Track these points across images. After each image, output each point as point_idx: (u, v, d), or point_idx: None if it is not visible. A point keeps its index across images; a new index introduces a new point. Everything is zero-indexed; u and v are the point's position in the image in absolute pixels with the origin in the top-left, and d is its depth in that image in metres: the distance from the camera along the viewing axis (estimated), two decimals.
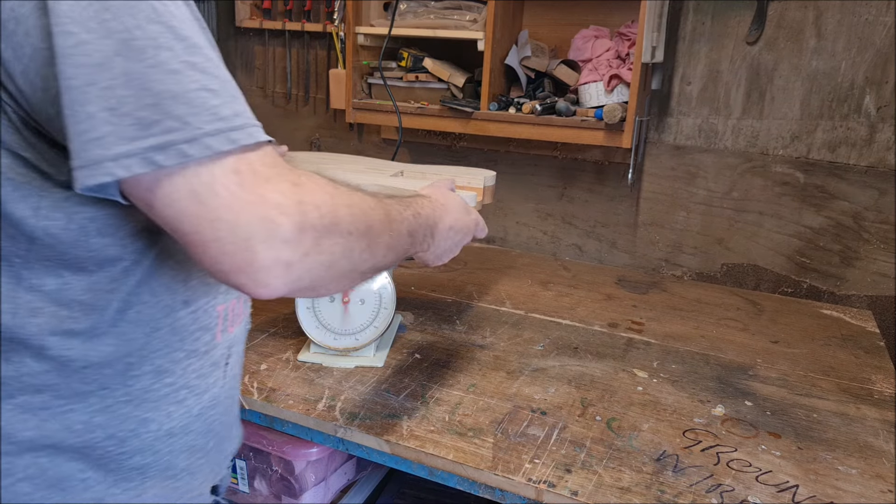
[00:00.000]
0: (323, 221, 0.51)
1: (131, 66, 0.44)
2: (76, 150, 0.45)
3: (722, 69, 1.55)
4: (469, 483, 0.87)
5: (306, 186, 0.51)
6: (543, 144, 1.76)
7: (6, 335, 0.53)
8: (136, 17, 0.45)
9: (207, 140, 0.46)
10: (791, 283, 1.60)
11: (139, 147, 0.45)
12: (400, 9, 1.62)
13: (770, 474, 0.87)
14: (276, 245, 0.48)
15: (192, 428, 0.62)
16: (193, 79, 0.46)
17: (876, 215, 1.49)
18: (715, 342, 1.27)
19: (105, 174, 0.45)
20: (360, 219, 0.56)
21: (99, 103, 0.44)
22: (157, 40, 0.45)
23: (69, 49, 0.44)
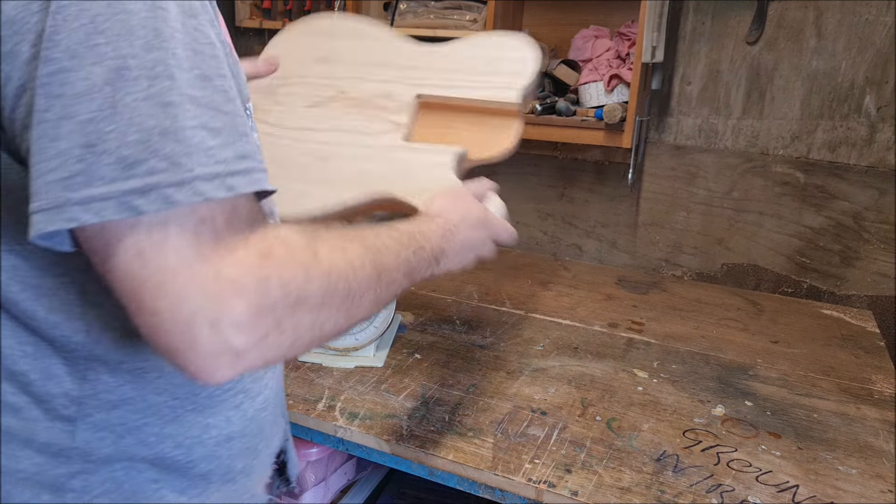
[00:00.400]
0: (288, 300, 0.44)
1: (120, 98, 0.39)
2: (34, 192, 0.39)
3: (722, 69, 1.55)
4: (469, 483, 0.87)
5: (276, 257, 0.44)
6: (543, 144, 1.76)
7: (83, 353, 0.50)
8: (133, 43, 0.39)
9: (199, 185, 0.40)
10: (791, 283, 1.60)
11: (117, 190, 0.38)
12: (400, 9, 1.61)
13: (770, 474, 0.87)
14: (225, 329, 0.41)
15: (247, 431, 0.60)
16: (192, 114, 0.41)
17: (876, 215, 1.49)
18: (715, 342, 1.27)
19: (69, 220, 0.38)
20: (337, 287, 0.49)
21: (73, 139, 0.38)
22: (154, 70, 0.40)
23: (45, 78, 0.39)
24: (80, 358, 0.50)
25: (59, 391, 0.50)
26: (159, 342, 0.41)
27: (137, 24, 0.40)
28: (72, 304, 0.49)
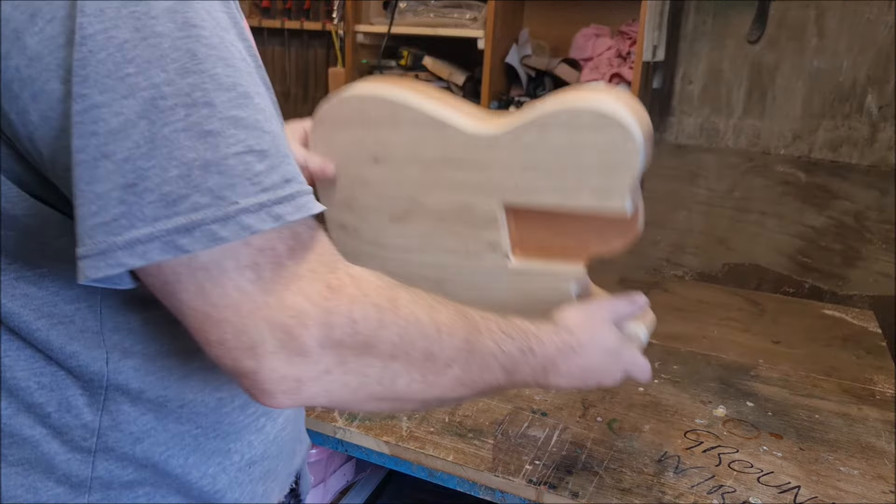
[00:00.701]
0: (355, 339, 0.43)
1: (157, 130, 0.36)
2: (79, 237, 0.37)
3: (723, 68, 1.55)
4: (469, 484, 0.87)
5: (346, 292, 0.42)
6: None
7: (103, 383, 0.47)
8: (167, 69, 0.37)
9: (244, 218, 0.38)
10: (793, 283, 1.60)
11: (160, 229, 0.37)
12: (399, 7, 1.61)
13: (772, 475, 0.87)
14: (288, 357, 0.41)
15: (268, 454, 0.58)
16: (236, 139, 0.38)
17: (878, 215, 1.49)
18: (716, 342, 1.27)
19: (116, 265, 0.37)
20: (415, 343, 0.46)
21: (113, 180, 0.36)
22: (191, 96, 0.37)
23: (78, 116, 0.36)
24: (100, 388, 0.48)
25: (77, 423, 0.48)
26: (226, 368, 0.42)
27: (169, 48, 0.37)
28: (89, 330, 0.46)
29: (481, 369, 0.53)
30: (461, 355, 0.51)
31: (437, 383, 0.49)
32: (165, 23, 0.37)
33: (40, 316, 0.46)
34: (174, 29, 0.37)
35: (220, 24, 0.39)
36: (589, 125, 0.66)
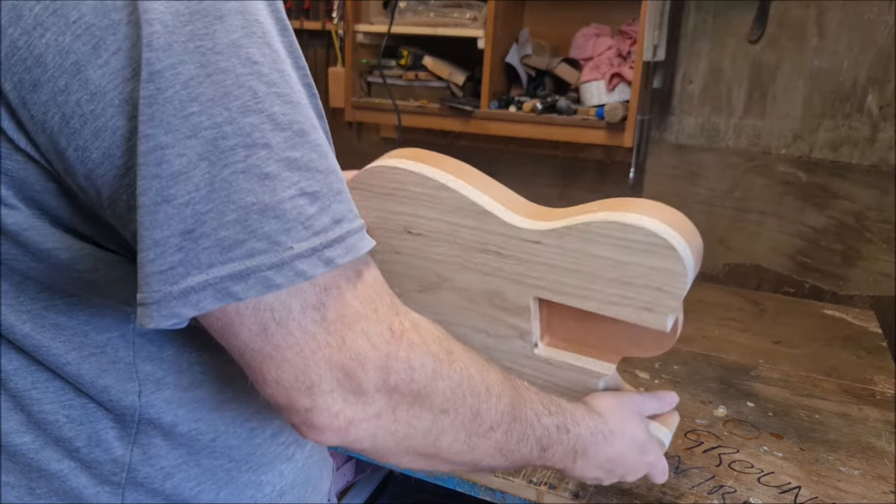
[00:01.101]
0: (411, 388, 0.42)
1: (217, 172, 0.35)
2: (139, 283, 0.36)
3: (724, 68, 1.54)
4: (469, 485, 0.87)
5: (406, 339, 0.42)
6: (544, 143, 1.75)
7: (135, 417, 0.46)
8: (229, 106, 0.35)
9: (298, 264, 0.37)
10: (793, 283, 1.60)
11: (214, 276, 0.36)
12: (399, 7, 1.61)
13: (772, 475, 0.87)
14: (343, 397, 0.40)
15: (297, 481, 0.56)
16: (291, 181, 0.37)
17: (878, 215, 1.49)
18: (717, 343, 1.27)
19: (170, 316, 0.36)
20: (465, 400, 0.46)
21: (172, 226, 0.35)
22: (251, 136, 0.36)
23: (143, 157, 0.35)
24: (132, 422, 0.46)
25: (107, 458, 0.46)
26: (278, 406, 0.41)
27: (233, 84, 0.35)
28: (121, 361, 0.45)
29: (519, 440, 0.52)
30: (505, 420, 0.50)
31: (477, 446, 0.49)
32: (230, 58, 0.35)
33: (71, 348, 0.44)
34: (238, 65, 0.36)
35: (279, 58, 0.38)
36: (639, 246, 0.64)
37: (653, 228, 0.63)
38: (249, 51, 0.36)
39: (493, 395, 0.49)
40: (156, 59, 0.34)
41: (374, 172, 0.76)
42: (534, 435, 0.53)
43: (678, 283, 0.63)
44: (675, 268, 0.63)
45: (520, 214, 0.72)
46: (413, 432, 0.44)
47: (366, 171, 0.77)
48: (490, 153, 1.84)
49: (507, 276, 0.73)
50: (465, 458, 0.49)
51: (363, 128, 1.98)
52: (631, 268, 0.65)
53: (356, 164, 0.79)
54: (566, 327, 0.76)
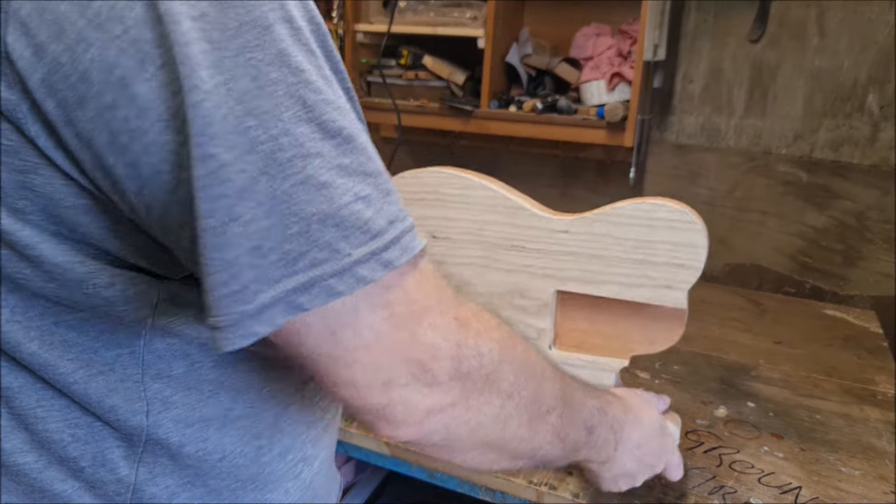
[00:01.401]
0: (481, 373, 0.43)
1: (278, 185, 0.35)
2: (212, 307, 0.36)
3: (724, 67, 1.54)
4: (469, 485, 0.87)
5: (471, 327, 0.43)
6: (544, 143, 1.75)
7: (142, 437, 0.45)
8: (282, 117, 0.35)
9: (358, 270, 0.37)
10: (794, 283, 1.59)
11: (282, 290, 0.36)
12: (399, 6, 1.61)
13: (772, 476, 0.87)
14: (419, 389, 0.41)
15: (304, 498, 0.56)
16: (345, 188, 0.37)
17: (879, 214, 1.49)
18: (717, 343, 1.27)
19: (248, 336, 0.36)
20: (527, 384, 0.47)
21: (242, 244, 0.35)
22: (305, 146, 0.35)
23: (206, 178, 0.34)
24: (138, 441, 0.46)
25: (112, 478, 0.46)
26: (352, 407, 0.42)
27: (284, 95, 0.35)
28: (129, 379, 0.44)
29: (571, 421, 0.53)
30: (559, 403, 0.51)
31: (538, 431, 0.50)
32: (279, 68, 0.35)
33: (79, 366, 0.43)
34: (288, 74, 0.35)
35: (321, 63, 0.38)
36: (665, 223, 0.70)
37: (676, 207, 0.70)
38: (297, 59, 0.36)
39: (548, 377, 0.50)
40: (208, 76, 0.33)
41: (407, 179, 0.80)
42: (580, 417, 0.55)
43: (698, 256, 0.70)
44: (698, 240, 0.70)
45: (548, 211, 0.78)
46: (484, 419, 0.45)
47: (398, 178, 0.81)
48: (490, 153, 1.84)
49: (532, 271, 0.77)
50: (528, 446, 0.50)
51: None
52: (655, 246, 0.71)
53: None
54: (577, 332, 0.79)
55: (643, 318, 0.75)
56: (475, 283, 0.80)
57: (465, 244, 0.79)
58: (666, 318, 0.74)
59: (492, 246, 0.78)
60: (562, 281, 0.76)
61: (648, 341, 0.76)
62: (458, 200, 0.79)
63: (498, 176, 0.84)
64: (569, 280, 0.75)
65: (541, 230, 0.76)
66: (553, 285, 0.77)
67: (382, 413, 0.41)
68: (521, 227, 0.77)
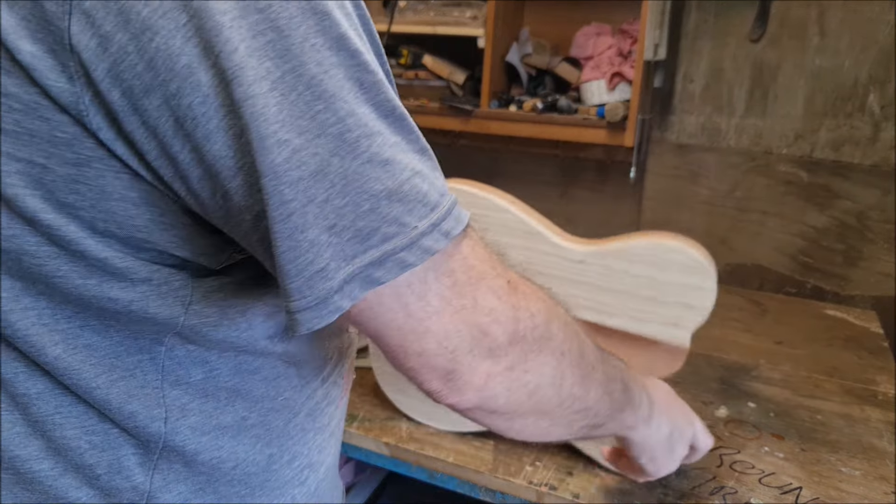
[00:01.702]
0: (535, 334, 0.45)
1: (348, 165, 0.36)
2: (297, 289, 0.37)
3: (725, 67, 1.54)
4: (469, 486, 0.87)
5: (521, 289, 0.45)
6: (544, 143, 1.75)
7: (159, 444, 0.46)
8: (346, 98, 0.36)
9: (424, 241, 0.39)
10: (795, 283, 1.59)
11: (359, 265, 0.37)
12: (399, 6, 1.61)
13: (773, 476, 0.87)
14: (482, 354, 0.42)
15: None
16: (404, 164, 0.38)
17: (880, 214, 1.48)
18: (718, 343, 1.26)
19: (333, 311, 0.37)
20: (574, 340, 0.48)
21: (320, 224, 0.36)
22: (368, 126, 0.37)
23: (282, 164, 0.35)
24: (155, 449, 0.46)
25: (127, 485, 0.46)
26: (419, 375, 0.43)
27: (345, 77, 0.36)
28: (149, 385, 0.44)
29: (612, 378, 0.54)
30: (598, 358, 0.52)
31: (589, 388, 0.51)
32: (338, 52, 0.36)
33: (101, 371, 0.43)
34: (347, 58, 0.37)
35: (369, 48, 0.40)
36: (678, 266, 0.72)
37: (692, 250, 0.72)
38: (354, 42, 0.37)
39: (584, 335, 0.51)
40: (275, 66, 0.34)
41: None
42: (616, 373, 0.56)
43: (707, 299, 0.72)
44: (707, 285, 0.72)
45: (564, 238, 0.80)
46: (542, 380, 0.46)
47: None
48: (490, 152, 1.83)
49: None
50: (581, 405, 0.51)
51: None
52: (666, 286, 0.73)
53: None
54: None
55: (646, 348, 0.77)
56: None
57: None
58: (668, 352, 0.76)
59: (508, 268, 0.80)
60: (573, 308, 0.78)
61: (648, 369, 0.78)
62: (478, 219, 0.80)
63: (498, 176, 0.84)
64: (580, 308, 0.78)
65: (557, 258, 0.78)
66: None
67: (449, 379, 0.42)
68: (537, 253, 0.78)
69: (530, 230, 0.78)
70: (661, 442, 0.64)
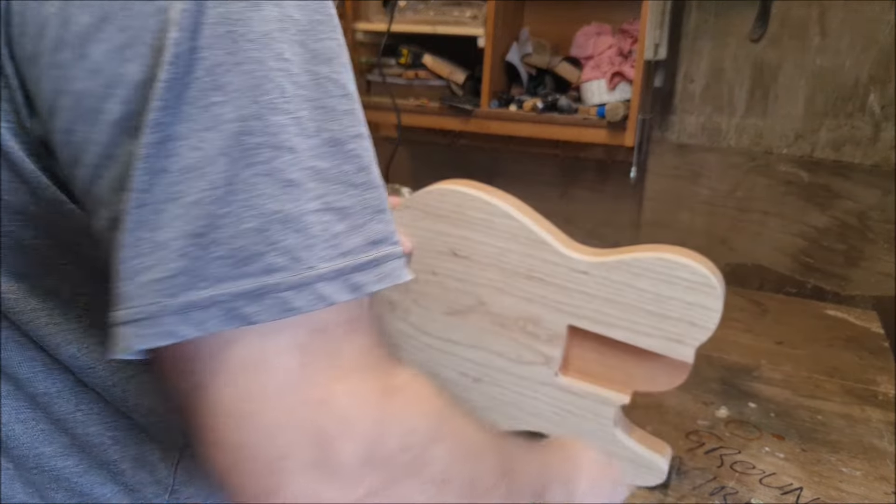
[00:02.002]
0: (405, 457, 0.35)
1: (238, 171, 0.30)
2: (124, 296, 0.31)
3: (725, 67, 1.54)
4: None
5: (399, 400, 0.35)
6: (545, 143, 1.75)
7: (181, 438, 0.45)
8: (258, 100, 0.31)
9: (321, 286, 0.31)
10: (795, 283, 1.59)
11: (225, 292, 0.30)
12: (399, 5, 1.61)
13: (774, 476, 0.86)
14: (321, 476, 0.32)
15: None
16: (316, 193, 0.32)
17: (881, 214, 1.48)
18: (718, 343, 1.26)
19: (164, 336, 0.30)
20: (462, 464, 0.39)
21: (177, 226, 0.30)
22: (278, 137, 0.31)
23: (148, 149, 0.30)
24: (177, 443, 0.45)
25: (151, 480, 0.44)
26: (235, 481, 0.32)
27: (264, 78, 0.31)
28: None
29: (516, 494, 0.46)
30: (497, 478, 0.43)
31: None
32: (262, 49, 0.31)
33: (116, 369, 0.42)
34: (270, 57, 0.31)
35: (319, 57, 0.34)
36: (683, 283, 0.71)
37: (698, 268, 0.70)
38: (281, 46, 0.32)
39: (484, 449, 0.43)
40: (180, 39, 0.29)
41: (433, 194, 0.81)
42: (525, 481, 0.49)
43: (712, 318, 0.71)
44: (713, 304, 0.70)
45: (569, 247, 0.78)
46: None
47: (423, 192, 0.82)
48: (490, 152, 1.83)
49: (547, 303, 0.78)
50: None
51: None
52: (671, 302, 0.72)
53: None
54: (584, 360, 0.81)
55: (649, 360, 0.77)
56: (489, 304, 0.81)
57: (484, 266, 0.80)
58: (671, 365, 0.76)
59: (511, 273, 0.79)
60: (576, 317, 0.77)
61: (650, 381, 0.78)
62: (482, 224, 0.79)
63: (498, 175, 0.85)
64: (583, 318, 0.77)
65: (560, 267, 0.77)
66: (566, 320, 0.78)
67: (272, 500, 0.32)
68: (541, 261, 0.77)
69: (535, 238, 0.78)
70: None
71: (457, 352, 0.86)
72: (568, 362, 0.82)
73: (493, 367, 0.84)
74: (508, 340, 0.82)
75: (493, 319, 0.82)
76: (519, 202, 0.82)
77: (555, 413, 0.83)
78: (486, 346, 0.84)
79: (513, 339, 0.82)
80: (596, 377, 0.81)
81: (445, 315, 0.85)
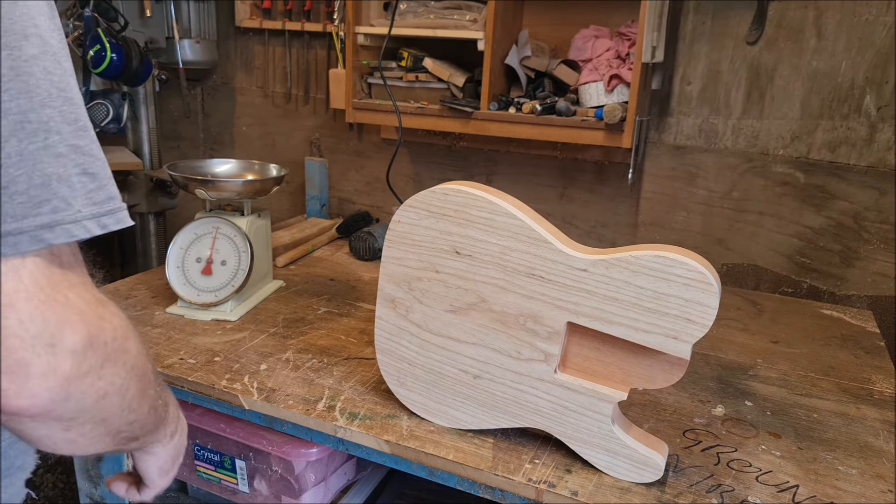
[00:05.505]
0: (115, 345, 0.49)
1: (25, 147, 0.44)
2: None
3: (722, 69, 1.55)
4: (469, 483, 0.87)
5: (108, 306, 0.50)
6: (543, 144, 1.76)
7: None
8: (32, 100, 0.44)
9: (86, 223, 0.47)
10: (791, 283, 1.60)
11: (29, 225, 0.44)
12: (400, 8, 1.62)
13: (770, 474, 0.87)
14: (62, 354, 0.45)
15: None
16: (76, 162, 0.47)
17: (876, 215, 1.49)
18: (715, 342, 1.27)
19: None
20: (141, 359, 0.54)
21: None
22: (48, 124, 0.45)
23: None
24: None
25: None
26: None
27: (35, 85, 0.45)
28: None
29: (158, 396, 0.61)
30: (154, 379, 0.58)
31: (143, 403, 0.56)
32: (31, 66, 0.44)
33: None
34: (38, 71, 0.45)
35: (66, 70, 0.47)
36: (681, 280, 0.73)
37: (695, 265, 0.72)
38: (46, 63, 0.45)
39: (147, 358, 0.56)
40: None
41: (436, 194, 0.83)
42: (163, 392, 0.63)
43: (708, 315, 0.73)
44: (709, 301, 0.72)
45: (570, 246, 0.80)
46: (111, 389, 0.50)
47: (428, 192, 0.84)
48: (490, 154, 1.84)
49: (547, 301, 0.80)
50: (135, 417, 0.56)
51: (364, 129, 1.99)
52: (668, 299, 0.74)
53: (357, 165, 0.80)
54: (582, 357, 0.83)
55: (646, 357, 0.79)
56: (490, 301, 0.83)
57: (486, 264, 0.83)
58: (668, 362, 0.78)
59: (512, 271, 0.81)
60: (575, 315, 0.79)
61: (648, 378, 0.80)
62: (483, 223, 0.81)
63: (497, 177, 0.86)
64: (582, 315, 0.79)
65: (560, 265, 0.79)
66: (566, 317, 0.80)
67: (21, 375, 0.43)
68: (541, 259, 0.79)
69: (535, 237, 0.79)
70: (177, 456, 0.71)
71: (457, 349, 0.87)
72: (567, 359, 0.84)
73: (494, 363, 0.86)
74: (509, 337, 0.84)
75: (494, 317, 0.84)
76: (519, 202, 0.83)
77: (553, 409, 0.84)
78: (487, 343, 0.85)
79: (513, 336, 0.84)
80: (594, 374, 0.83)
81: (447, 312, 0.87)
